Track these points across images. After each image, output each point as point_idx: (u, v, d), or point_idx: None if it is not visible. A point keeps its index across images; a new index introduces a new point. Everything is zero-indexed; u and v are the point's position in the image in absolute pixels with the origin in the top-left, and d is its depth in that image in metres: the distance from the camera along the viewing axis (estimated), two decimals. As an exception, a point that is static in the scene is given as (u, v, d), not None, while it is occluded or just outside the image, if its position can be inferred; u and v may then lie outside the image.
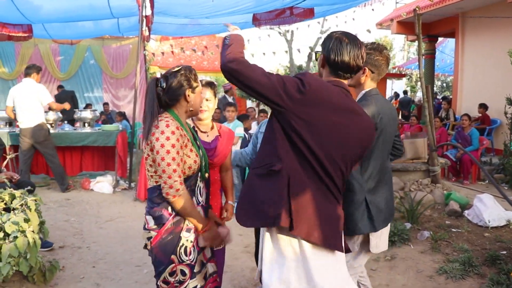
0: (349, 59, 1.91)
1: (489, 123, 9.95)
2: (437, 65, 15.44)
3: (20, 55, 10.86)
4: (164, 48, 13.61)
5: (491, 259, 3.89)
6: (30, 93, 6.40)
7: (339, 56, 1.91)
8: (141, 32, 7.12)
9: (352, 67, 1.94)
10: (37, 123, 6.43)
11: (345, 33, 1.97)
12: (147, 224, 2.12)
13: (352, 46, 1.91)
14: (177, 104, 2.14)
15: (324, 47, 1.97)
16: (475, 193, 6.02)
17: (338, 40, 1.93)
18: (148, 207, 2.14)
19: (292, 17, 7.24)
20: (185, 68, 2.17)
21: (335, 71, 1.96)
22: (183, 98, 2.13)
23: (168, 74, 2.14)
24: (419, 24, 6.18)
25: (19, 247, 3.09)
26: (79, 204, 6.10)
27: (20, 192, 3.59)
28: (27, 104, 6.38)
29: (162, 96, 2.12)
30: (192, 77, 2.17)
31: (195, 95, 2.18)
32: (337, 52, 1.91)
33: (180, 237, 2.09)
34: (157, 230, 2.08)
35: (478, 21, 10.61)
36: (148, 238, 2.12)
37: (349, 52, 1.91)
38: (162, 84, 2.12)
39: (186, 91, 2.13)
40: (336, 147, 1.86)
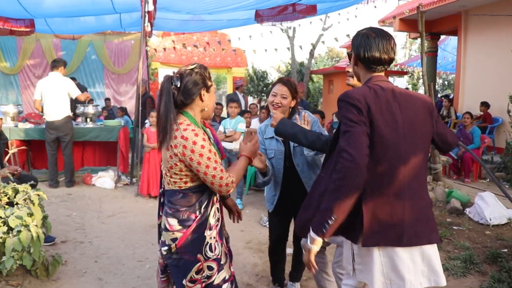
0: (380, 53, 1.94)
1: (490, 122, 9.95)
2: (439, 63, 15.41)
3: (22, 49, 10.85)
4: (166, 44, 13.59)
5: (492, 257, 3.90)
6: (59, 86, 6.53)
7: (369, 51, 1.94)
8: (143, 28, 7.11)
9: (384, 60, 1.97)
10: (64, 116, 6.56)
11: (371, 28, 2.01)
12: (169, 226, 2.10)
13: (380, 39, 1.94)
14: (192, 104, 2.10)
15: (354, 46, 2.00)
16: (477, 191, 6.03)
17: (365, 36, 1.96)
18: (171, 209, 2.10)
19: (295, 13, 7.23)
20: (200, 66, 2.12)
21: (369, 66, 1.99)
22: (199, 98, 2.09)
23: (183, 73, 2.08)
24: (422, 21, 6.17)
25: (23, 241, 3.10)
26: (81, 199, 6.12)
27: (24, 187, 3.60)
28: (55, 97, 6.49)
29: (177, 96, 2.06)
30: (207, 76, 2.12)
31: (210, 94, 2.14)
32: (366, 47, 1.95)
33: (204, 236, 2.10)
34: (182, 231, 2.07)
35: (480, 19, 10.58)
36: (172, 240, 2.09)
37: (378, 46, 1.94)
38: (176, 82, 2.05)
39: (202, 90, 2.08)
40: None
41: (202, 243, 2.09)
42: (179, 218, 2.08)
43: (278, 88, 2.97)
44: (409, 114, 1.92)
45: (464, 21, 11.35)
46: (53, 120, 6.52)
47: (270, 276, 3.46)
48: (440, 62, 16.29)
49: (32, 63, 11.05)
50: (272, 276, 3.43)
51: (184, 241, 2.07)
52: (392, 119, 1.89)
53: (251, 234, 4.79)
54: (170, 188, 2.11)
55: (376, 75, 2.00)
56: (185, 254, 2.08)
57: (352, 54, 2.07)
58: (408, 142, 1.91)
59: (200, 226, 2.09)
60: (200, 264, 2.09)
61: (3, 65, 10.78)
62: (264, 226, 5.07)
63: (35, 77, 11.05)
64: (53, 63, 6.74)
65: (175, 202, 2.10)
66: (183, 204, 2.08)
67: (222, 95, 22.49)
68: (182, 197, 2.08)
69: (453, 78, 21.43)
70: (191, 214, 2.08)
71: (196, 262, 2.09)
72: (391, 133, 1.88)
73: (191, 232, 2.07)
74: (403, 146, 1.90)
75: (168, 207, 2.12)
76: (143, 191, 6.21)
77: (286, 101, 2.93)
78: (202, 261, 2.10)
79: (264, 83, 15.82)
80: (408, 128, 1.91)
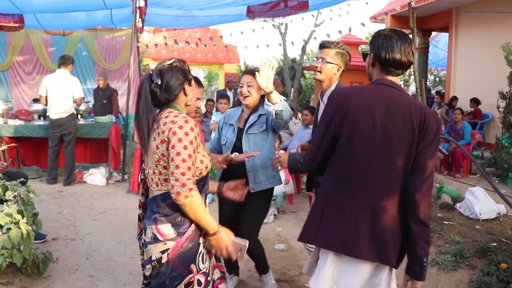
0: (401, 56, 1.90)
1: (481, 118, 10.02)
2: (430, 60, 15.48)
3: (11, 45, 10.71)
4: (158, 40, 13.53)
5: (482, 251, 3.94)
6: (65, 84, 6.48)
7: (390, 53, 1.90)
8: (135, 24, 7.06)
9: (404, 63, 1.93)
10: (69, 113, 6.52)
11: (394, 29, 1.98)
12: (160, 235, 1.89)
13: (402, 42, 1.91)
14: (176, 99, 2.00)
15: (374, 46, 1.96)
16: (467, 187, 6.08)
17: (387, 38, 1.92)
18: (162, 216, 1.91)
19: (287, 9, 7.21)
20: (178, 60, 2.03)
21: (387, 68, 1.95)
22: (182, 93, 2.00)
23: (162, 69, 1.97)
24: (414, 18, 6.19)
25: (13, 239, 3.07)
26: (72, 196, 6.08)
27: (13, 184, 3.56)
28: (61, 94, 6.44)
29: (160, 94, 1.95)
30: (187, 69, 2.04)
31: (192, 88, 2.05)
32: (388, 49, 1.91)
33: (199, 243, 1.94)
34: (176, 239, 1.88)
35: (471, 16, 10.64)
36: (162, 252, 1.88)
37: (400, 48, 1.90)
38: (157, 80, 1.94)
39: (184, 84, 1.99)
40: None
41: (196, 252, 1.92)
42: (173, 222, 1.90)
43: (244, 78, 3.06)
44: (393, 124, 1.86)
45: (455, 18, 11.40)
46: (57, 118, 6.46)
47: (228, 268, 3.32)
48: (432, 59, 16.37)
49: (22, 59, 10.92)
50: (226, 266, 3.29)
51: (178, 251, 1.88)
52: (370, 124, 1.86)
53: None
54: (161, 190, 1.93)
55: (383, 77, 1.97)
56: (177, 266, 1.88)
57: (368, 54, 2.04)
58: (383, 151, 1.86)
59: (196, 231, 1.93)
60: (192, 276, 1.90)
61: (-7, 61, 10.67)
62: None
63: (25, 73, 10.94)
64: (62, 60, 6.63)
65: (167, 207, 1.91)
66: (177, 208, 1.88)
67: (214, 91, 22.43)
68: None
69: (444, 74, 21.55)
70: (186, 218, 1.90)
71: (188, 273, 1.89)
72: (362, 137, 1.87)
73: (186, 238, 1.89)
74: (373, 153, 1.87)
75: (158, 215, 1.92)
76: (134, 188, 6.19)
77: (253, 89, 3.00)
78: (194, 273, 1.91)
79: (256, 79, 15.77)
80: (384, 136, 1.86)
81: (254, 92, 3.02)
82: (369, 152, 1.87)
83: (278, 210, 5.49)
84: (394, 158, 1.86)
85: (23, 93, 10.85)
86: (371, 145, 1.87)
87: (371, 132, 1.86)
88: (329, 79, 2.77)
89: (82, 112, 7.26)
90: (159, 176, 1.93)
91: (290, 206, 5.76)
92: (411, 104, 1.90)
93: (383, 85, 1.94)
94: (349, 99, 1.91)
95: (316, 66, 2.76)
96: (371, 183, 1.88)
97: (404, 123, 1.85)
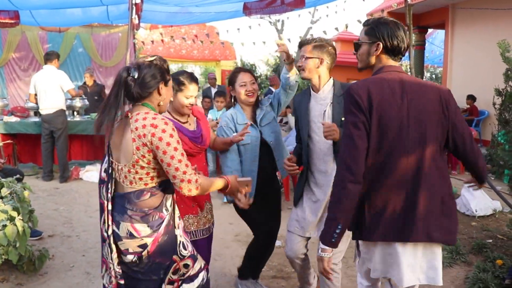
0: (405, 43, 2.01)
1: (477, 115, 10.05)
2: (427, 57, 15.52)
3: (7, 42, 10.66)
4: (154, 37, 13.45)
5: (477, 248, 3.96)
6: (51, 79, 6.50)
7: (401, 42, 1.99)
8: (131, 20, 7.01)
9: (404, 49, 2.02)
10: (57, 109, 6.52)
11: (389, 18, 2.06)
12: (136, 233, 1.94)
13: (403, 29, 2.01)
14: (149, 97, 2.00)
15: (382, 34, 1.98)
16: (463, 183, 6.09)
17: (394, 25, 1.99)
18: (136, 214, 1.94)
19: (283, 6, 7.19)
20: (160, 59, 2.05)
21: (396, 55, 2.02)
22: (156, 91, 2.00)
23: (141, 64, 1.98)
24: (410, 14, 6.18)
25: (8, 236, 3.07)
26: (68, 193, 6.07)
27: (9, 181, 3.55)
28: (48, 90, 6.46)
29: (133, 88, 1.95)
30: (166, 69, 2.05)
31: (167, 88, 2.06)
32: (398, 37, 1.98)
33: (175, 235, 2.06)
34: (153, 235, 1.95)
35: (468, 13, 10.65)
36: (141, 246, 1.95)
37: (404, 36, 2.00)
38: (134, 73, 1.95)
39: (160, 84, 2.00)
40: None
41: (175, 243, 2.05)
42: (148, 222, 1.95)
43: (244, 77, 3.03)
44: (417, 105, 1.90)
45: (452, 15, 11.42)
46: (46, 114, 6.48)
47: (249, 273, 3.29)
48: (428, 56, 16.40)
49: (18, 56, 10.87)
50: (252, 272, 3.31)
51: (157, 245, 1.97)
52: (397, 110, 1.89)
53: (239, 227, 4.80)
54: (134, 188, 1.96)
55: (390, 64, 2.01)
56: (158, 258, 2.00)
57: (368, 43, 2.04)
58: (414, 133, 1.89)
59: (168, 225, 2.02)
60: (177, 264, 2.06)
61: (-12, 58, 10.61)
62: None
63: (21, 70, 10.89)
64: (46, 56, 6.71)
65: (141, 204, 1.95)
66: (151, 205, 1.96)
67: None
68: (150, 196, 1.97)
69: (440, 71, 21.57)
70: (160, 215, 1.98)
71: (172, 263, 2.04)
72: (394, 125, 1.88)
73: (163, 234, 1.98)
74: (407, 137, 1.89)
75: (131, 212, 1.95)
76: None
77: (256, 85, 3.05)
78: (178, 261, 2.07)
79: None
80: (414, 119, 1.89)
81: (257, 89, 3.06)
82: (404, 138, 1.89)
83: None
84: (429, 138, 1.91)
85: (19, 90, 10.81)
86: (405, 132, 1.89)
87: (401, 119, 1.88)
88: (316, 74, 2.69)
89: (78, 109, 7.23)
90: (135, 175, 1.95)
91: (286, 202, 5.77)
92: (424, 84, 1.99)
93: (396, 72, 1.98)
94: (371, 91, 1.89)
95: (300, 66, 2.74)
96: (410, 167, 1.89)
97: (428, 103, 1.92)
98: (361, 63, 2.10)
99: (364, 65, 2.09)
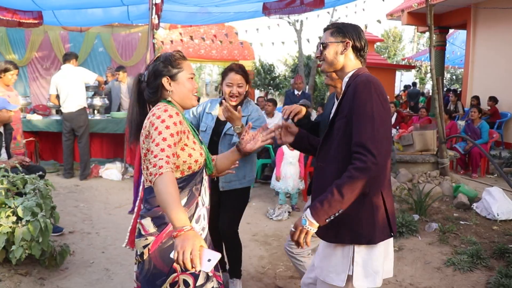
0: (367, 45, 2.10)
1: (498, 117, 9.87)
2: (447, 57, 15.29)
3: (30, 42, 10.86)
4: (173, 37, 13.57)
5: (499, 252, 3.88)
6: (73, 78, 6.63)
7: (362, 39, 2.05)
8: (151, 20, 7.09)
9: (366, 53, 2.11)
10: (79, 108, 6.65)
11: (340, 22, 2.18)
12: (143, 229, 1.86)
13: (361, 29, 2.10)
14: (162, 96, 1.95)
15: (352, 34, 2.04)
16: (484, 186, 5.99)
17: (354, 25, 2.08)
18: (144, 210, 1.90)
19: (302, 6, 7.17)
20: (165, 55, 1.96)
21: (362, 55, 2.08)
22: (163, 89, 1.93)
23: (148, 65, 1.96)
24: (431, 14, 6.11)
25: (31, 231, 3.13)
26: (88, 191, 6.16)
27: (32, 177, 3.62)
28: (70, 88, 6.58)
29: (145, 91, 1.94)
30: (173, 64, 1.93)
31: (177, 82, 1.94)
32: (360, 36, 2.05)
33: None
34: (156, 234, 1.83)
35: (490, 13, 10.47)
36: (144, 247, 1.84)
37: (363, 34, 2.08)
38: (144, 77, 1.93)
39: (163, 79, 1.92)
40: None
41: None
42: (154, 215, 1.84)
43: (232, 77, 2.93)
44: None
45: (474, 15, 11.23)
46: (68, 112, 6.59)
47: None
48: (449, 56, 16.17)
49: (40, 55, 11.07)
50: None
51: (158, 246, 1.82)
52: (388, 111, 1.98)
53: (257, 227, 4.81)
54: (148, 185, 1.90)
55: (362, 67, 2.08)
56: (158, 262, 1.81)
57: (329, 44, 2.05)
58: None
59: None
60: (176, 276, 1.80)
61: (12, 57, 10.78)
62: (270, 219, 5.08)
63: (43, 69, 11.08)
64: (65, 57, 6.86)
65: (150, 201, 1.87)
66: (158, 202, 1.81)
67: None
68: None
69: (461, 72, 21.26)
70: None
71: (171, 272, 1.79)
72: (390, 121, 1.97)
73: (166, 234, 1.82)
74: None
75: (143, 208, 1.91)
76: (149, 183, 6.22)
77: (242, 89, 2.95)
78: (178, 272, 1.80)
79: (271, 76, 15.79)
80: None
81: (242, 93, 2.97)
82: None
83: (293, 207, 5.49)
84: None
85: (41, 88, 11.00)
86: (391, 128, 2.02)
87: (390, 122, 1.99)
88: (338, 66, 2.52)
89: (99, 108, 7.33)
90: (146, 171, 1.87)
91: (304, 203, 5.75)
92: None
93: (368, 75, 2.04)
94: (383, 88, 1.95)
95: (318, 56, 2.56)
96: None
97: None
98: (328, 65, 2.08)
99: (331, 68, 2.09)
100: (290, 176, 5.36)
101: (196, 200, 1.92)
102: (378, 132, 1.81)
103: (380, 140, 1.81)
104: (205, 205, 1.98)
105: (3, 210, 3.19)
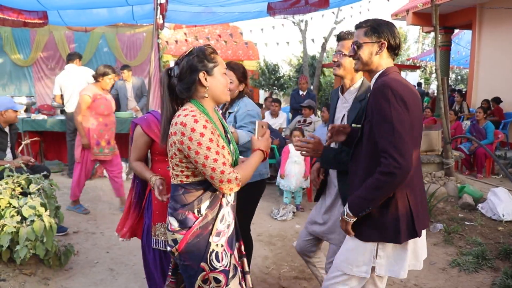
0: (401, 41, 2.12)
1: (502, 117, 9.82)
2: (453, 58, 15.22)
3: (35, 42, 10.90)
4: (178, 37, 13.58)
5: (505, 253, 3.86)
6: (77, 77, 6.65)
7: (397, 38, 2.06)
8: (155, 20, 7.11)
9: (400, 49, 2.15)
10: None
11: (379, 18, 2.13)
12: (170, 225, 1.92)
13: (395, 27, 2.09)
14: (195, 93, 1.89)
15: (386, 35, 2.03)
16: (489, 187, 5.96)
17: (390, 24, 2.06)
18: (171, 208, 1.93)
19: (307, 6, 7.16)
20: (198, 49, 1.90)
21: (396, 54, 2.09)
22: (199, 84, 1.88)
23: (179, 60, 1.90)
24: (436, 15, 6.08)
25: (36, 231, 3.13)
26: (92, 191, 6.17)
27: (37, 177, 3.63)
28: (74, 88, 6.57)
29: (177, 87, 1.89)
30: (208, 58, 1.89)
31: (213, 77, 1.89)
32: (395, 34, 2.05)
33: (209, 242, 1.89)
34: (182, 232, 1.88)
35: (496, 13, 10.41)
36: (173, 241, 1.92)
37: (399, 34, 2.10)
38: (175, 72, 1.88)
39: (200, 74, 1.86)
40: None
41: (206, 250, 1.88)
42: (177, 218, 1.89)
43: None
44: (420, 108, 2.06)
45: (479, 15, 11.17)
46: (71, 112, 6.59)
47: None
48: (454, 57, 16.10)
49: (45, 55, 11.10)
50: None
51: (185, 245, 1.88)
52: (420, 112, 2.01)
53: (262, 227, 4.80)
54: (173, 182, 1.95)
55: (392, 66, 2.06)
56: (187, 260, 1.89)
57: (364, 45, 2.04)
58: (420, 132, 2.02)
59: (202, 229, 1.88)
60: (206, 274, 1.89)
61: (17, 57, 10.85)
62: (274, 219, 5.08)
63: (48, 69, 11.12)
64: (68, 57, 6.91)
65: (175, 198, 1.92)
66: (182, 201, 1.89)
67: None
68: (183, 193, 1.90)
69: (466, 72, 21.17)
70: (189, 214, 1.88)
71: (200, 271, 1.89)
72: (419, 122, 1.99)
73: (191, 234, 1.87)
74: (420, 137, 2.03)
75: (170, 204, 1.96)
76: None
77: (233, 85, 2.95)
78: (207, 271, 1.89)
79: (276, 76, 15.75)
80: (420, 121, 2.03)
81: (233, 90, 2.96)
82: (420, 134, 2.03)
83: (297, 207, 5.48)
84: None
85: (46, 88, 11.03)
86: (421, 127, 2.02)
87: (420, 120, 2.02)
88: (351, 74, 2.55)
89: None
90: (172, 171, 1.95)
91: (309, 203, 5.74)
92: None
93: (397, 73, 2.05)
94: (406, 89, 1.93)
95: (335, 61, 2.58)
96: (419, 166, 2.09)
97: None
98: (362, 65, 2.09)
99: (365, 67, 2.09)
100: (294, 175, 5.38)
101: (219, 202, 1.95)
102: (399, 136, 1.84)
103: (401, 143, 1.85)
104: (229, 204, 2.01)
105: (8, 210, 3.20)
